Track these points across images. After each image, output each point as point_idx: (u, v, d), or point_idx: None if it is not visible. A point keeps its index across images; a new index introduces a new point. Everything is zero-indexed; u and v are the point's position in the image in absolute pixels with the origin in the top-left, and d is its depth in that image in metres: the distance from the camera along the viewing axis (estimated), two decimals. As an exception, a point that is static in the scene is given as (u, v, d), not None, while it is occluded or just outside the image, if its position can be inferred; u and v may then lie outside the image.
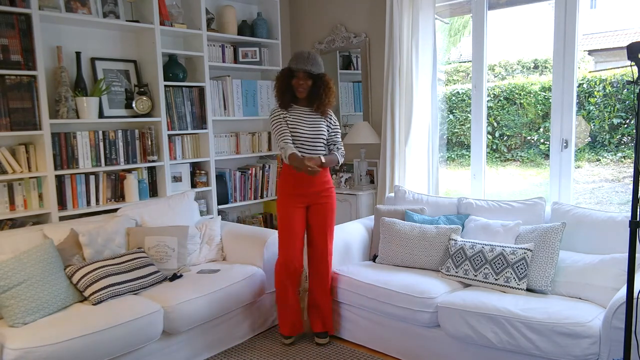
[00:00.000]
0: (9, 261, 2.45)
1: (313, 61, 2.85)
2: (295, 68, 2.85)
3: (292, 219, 2.93)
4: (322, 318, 3.04)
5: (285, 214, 2.95)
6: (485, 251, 2.74)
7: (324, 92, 2.92)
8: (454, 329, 2.52)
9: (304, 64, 2.83)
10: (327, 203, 2.99)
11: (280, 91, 2.95)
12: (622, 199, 4.77)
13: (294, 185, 2.93)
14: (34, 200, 3.12)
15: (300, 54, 2.89)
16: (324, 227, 2.99)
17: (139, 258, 2.88)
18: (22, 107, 2.99)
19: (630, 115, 4.82)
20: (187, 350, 2.80)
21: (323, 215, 2.98)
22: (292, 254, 2.94)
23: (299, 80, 2.88)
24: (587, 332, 2.17)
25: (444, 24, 4.15)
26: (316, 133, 2.93)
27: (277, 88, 2.97)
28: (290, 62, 2.89)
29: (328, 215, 2.99)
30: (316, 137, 2.94)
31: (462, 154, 5.66)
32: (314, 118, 2.95)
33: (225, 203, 4.15)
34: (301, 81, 2.88)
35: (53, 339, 2.21)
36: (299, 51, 2.93)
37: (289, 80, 2.91)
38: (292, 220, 2.93)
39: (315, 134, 2.93)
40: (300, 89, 2.90)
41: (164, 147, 3.62)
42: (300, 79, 2.88)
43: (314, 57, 2.88)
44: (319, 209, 2.97)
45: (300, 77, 2.87)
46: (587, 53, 5.37)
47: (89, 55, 3.46)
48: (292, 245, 2.94)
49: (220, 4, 4.19)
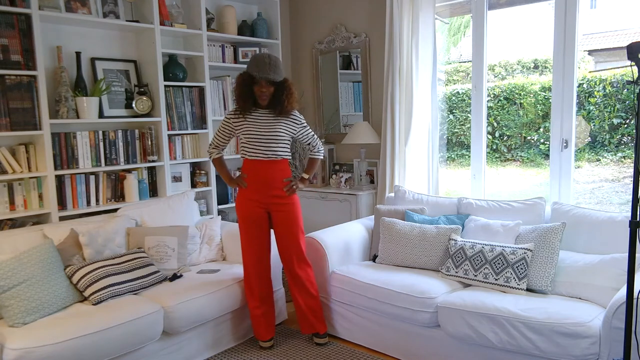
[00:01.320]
0: (9, 261, 2.46)
1: (275, 68, 2.73)
2: (258, 76, 2.72)
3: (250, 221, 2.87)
4: (309, 321, 2.98)
5: (244, 218, 2.89)
6: (485, 251, 2.74)
7: (286, 97, 2.82)
8: (454, 329, 2.52)
9: (266, 71, 2.70)
10: (288, 204, 2.88)
11: (242, 98, 2.82)
12: (622, 199, 4.77)
13: (249, 189, 2.87)
14: (34, 200, 3.12)
15: (261, 59, 2.73)
16: (291, 230, 2.88)
17: (139, 258, 2.89)
18: (22, 107, 2.99)
19: (630, 115, 4.82)
20: (187, 350, 2.80)
21: (287, 220, 2.88)
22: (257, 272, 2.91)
23: (261, 87, 2.76)
24: (587, 332, 2.17)
25: (444, 24, 4.15)
26: (273, 135, 2.83)
27: (237, 93, 2.84)
28: (251, 68, 2.74)
29: (292, 218, 2.89)
30: (272, 138, 2.83)
31: (462, 154, 5.65)
32: (272, 120, 2.85)
33: (225, 203, 4.15)
34: (263, 89, 2.76)
35: (53, 339, 2.22)
36: (259, 56, 2.76)
37: (250, 86, 2.79)
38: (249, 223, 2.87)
39: (272, 136, 2.82)
40: (263, 97, 2.79)
41: (164, 147, 3.62)
42: (262, 87, 2.76)
43: (274, 62, 2.74)
44: (281, 217, 2.88)
45: (262, 84, 2.75)
46: (587, 53, 5.37)
47: (89, 55, 3.46)
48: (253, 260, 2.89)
49: (220, 4, 4.19)
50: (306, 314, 2.98)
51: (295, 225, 2.91)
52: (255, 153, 2.84)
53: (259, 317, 2.96)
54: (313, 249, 3.09)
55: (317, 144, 3.08)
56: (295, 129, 2.94)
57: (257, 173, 2.86)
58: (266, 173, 2.85)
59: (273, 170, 2.86)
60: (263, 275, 2.96)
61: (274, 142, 2.84)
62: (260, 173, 2.85)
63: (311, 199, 4.27)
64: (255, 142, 2.83)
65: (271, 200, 2.87)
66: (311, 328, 3.02)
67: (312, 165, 3.11)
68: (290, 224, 2.89)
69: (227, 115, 2.93)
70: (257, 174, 2.86)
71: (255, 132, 2.83)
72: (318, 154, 3.10)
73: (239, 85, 2.83)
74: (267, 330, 2.99)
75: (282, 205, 2.88)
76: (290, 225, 2.89)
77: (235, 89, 2.87)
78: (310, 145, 3.07)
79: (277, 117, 2.86)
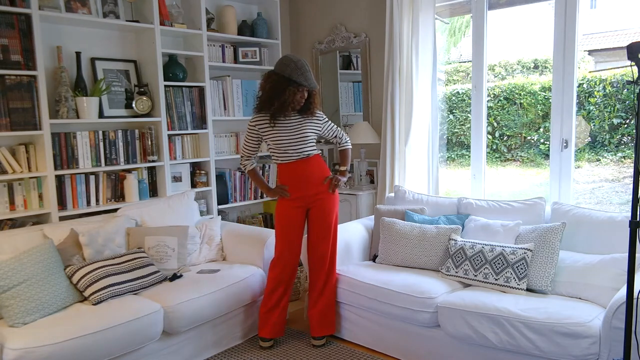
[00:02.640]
0: (9, 261, 2.46)
1: (311, 74, 2.75)
2: (307, 86, 2.72)
3: (290, 221, 2.89)
4: (320, 323, 2.99)
5: (283, 217, 2.91)
6: (485, 251, 2.74)
7: (314, 100, 2.86)
8: (454, 329, 2.52)
9: (310, 79, 2.71)
10: (324, 200, 2.90)
11: (279, 102, 2.73)
12: (622, 199, 4.77)
13: (292, 190, 2.89)
14: (34, 200, 3.12)
15: (302, 66, 2.70)
16: (323, 228, 2.92)
17: (139, 258, 2.88)
18: (22, 107, 2.99)
19: (630, 115, 4.82)
20: (187, 350, 2.80)
21: (321, 216, 2.91)
22: (289, 249, 2.90)
23: (302, 95, 2.75)
24: (587, 332, 2.17)
25: (444, 24, 4.15)
26: (302, 138, 2.85)
27: (270, 96, 2.75)
28: (296, 76, 2.68)
29: (327, 216, 2.92)
30: (302, 140, 2.85)
31: (462, 154, 5.66)
32: (299, 123, 2.86)
33: (225, 203, 4.15)
34: (301, 95, 2.75)
35: (53, 339, 2.21)
36: (298, 61, 2.72)
37: (284, 89, 2.72)
38: (289, 223, 2.89)
39: (301, 139, 2.84)
40: (300, 103, 2.79)
41: (164, 147, 3.62)
42: (302, 93, 2.75)
43: (309, 68, 2.75)
44: (317, 210, 2.91)
45: (302, 91, 2.74)
46: (587, 53, 5.37)
47: (89, 55, 3.46)
48: (287, 245, 2.90)
49: (220, 4, 4.19)
50: (318, 315, 2.98)
51: (329, 220, 2.92)
52: (289, 156, 2.85)
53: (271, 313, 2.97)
54: (313, 249, 3.09)
55: (342, 135, 3.09)
56: (320, 126, 2.97)
57: (295, 174, 2.87)
58: (304, 171, 2.87)
59: (310, 167, 2.88)
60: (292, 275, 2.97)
61: (304, 144, 2.86)
62: (298, 173, 2.87)
63: (311, 199, 4.26)
64: (287, 147, 2.84)
65: (314, 198, 2.89)
66: (320, 330, 3.01)
67: (345, 156, 3.11)
68: (324, 219, 2.91)
69: (250, 123, 2.88)
70: (295, 175, 2.87)
71: (285, 137, 2.83)
72: (347, 144, 3.11)
73: (274, 88, 2.74)
74: (276, 329, 2.99)
75: (323, 200, 2.90)
76: (324, 220, 2.91)
77: (268, 91, 2.77)
78: (337, 137, 3.08)
79: (303, 119, 2.88)
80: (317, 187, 2.90)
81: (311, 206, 2.92)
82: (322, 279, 2.97)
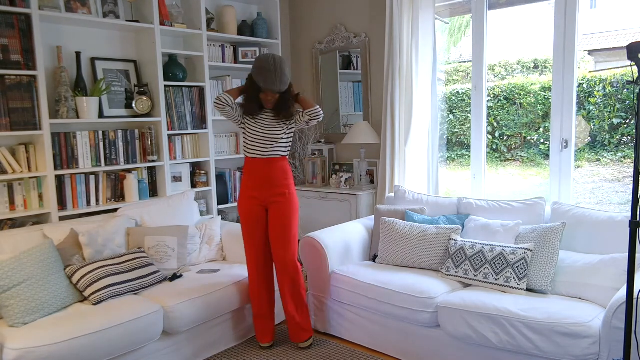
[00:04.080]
0: (9, 261, 2.46)
1: (281, 76, 2.71)
2: (263, 87, 2.73)
3: (250, 215, 2.88)
4: (295, 330, 2.96)
5: (245, 211, 2.90)
6: (485, 251, 2.74)
7: (290, 103, 2.85)
8: (454, 329, 2.52)
9: (273, 83, 2.71)
10: (281, 204, 2.86)
11: (248, 102, 2.84)
12: (622, 199, 4.77)
13: (251, 186, 2.88)
14: (34, 200, 3.12)
15: (266, 68, 2.69)
16: (283, 232, 2.85)
17: (139, 258, 2.89)
18: (22, 107, 2.99)
19: (630, 115, 4.82)
20: (187, 350, 2.80)
21: (278, 219, 2.86)
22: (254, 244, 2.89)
23: (267, 96, 2.79)
24: (587, 332, 2.17)
25: (444, 24, 4.15)
26: (274, 137, 2.85)
27: (244, 96, 2.86)
28: (257, 77, 2.72)
29: (284, 218, 2.86)
30: (273, 140, 2.85)
31: (462, 154, 5.65)
32: (274, 122, 2.87)
33: (225, 203, 4.15)
34: (269, 97, 2.79)
35: (53, 339, 2.22)
36: (265, 62, 2.71)
37: (256, 90, 2.79)
38: (250, 216, 2.88)
39: (273, 138, 2.85)
40: (268, 104, 2.83)
41: (164, 147, 3.62)
42: (268, 95, 2.78)
43: (280, 69, 2.71)
44: (275, 212, 2.87)
45: (268, 93, 2.77)
46: (587, 53, 5.36)
47: (89, 55, 3.46)
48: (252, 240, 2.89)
49: (220, 4, 4.19)
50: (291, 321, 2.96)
51: (287, 222, 2.87)
52: (256, 151, 2.86)
53: (259, 320, 2.98)
54: (313, 249, 3.09)
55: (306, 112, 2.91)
56: (291, 130, 2.94)
57: (258, 171, 2.87)
58: (266, 171, 2.86)
59: (273, 168, 2.87)
60: (265, 276, 2.96)
61: (274, 143, 2.86)
62: (260, 171, 2.87)
63: (311, 199, 4.27)
64: (257, 141, 2.85)
65: (271, 199, 2.87)
66: (297, 337, 2.98)
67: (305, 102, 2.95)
68: (285, 216, 2.86)
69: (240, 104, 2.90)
70: (257, 172, 2.87)
71: (257, 132, 2.85)
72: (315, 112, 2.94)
73: (247, 88, 2.84)
74: (264, 335, 2.99)
75: (281, 203, 2.88)
76: (282, 222, 2.86)
77: (243, 89, 2.88)
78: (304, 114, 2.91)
79: (279, 120, 2.88)
80: (274, 189, 2.86)
81: (269, 207, 2.89)
82: (288, 283, 2.90)
